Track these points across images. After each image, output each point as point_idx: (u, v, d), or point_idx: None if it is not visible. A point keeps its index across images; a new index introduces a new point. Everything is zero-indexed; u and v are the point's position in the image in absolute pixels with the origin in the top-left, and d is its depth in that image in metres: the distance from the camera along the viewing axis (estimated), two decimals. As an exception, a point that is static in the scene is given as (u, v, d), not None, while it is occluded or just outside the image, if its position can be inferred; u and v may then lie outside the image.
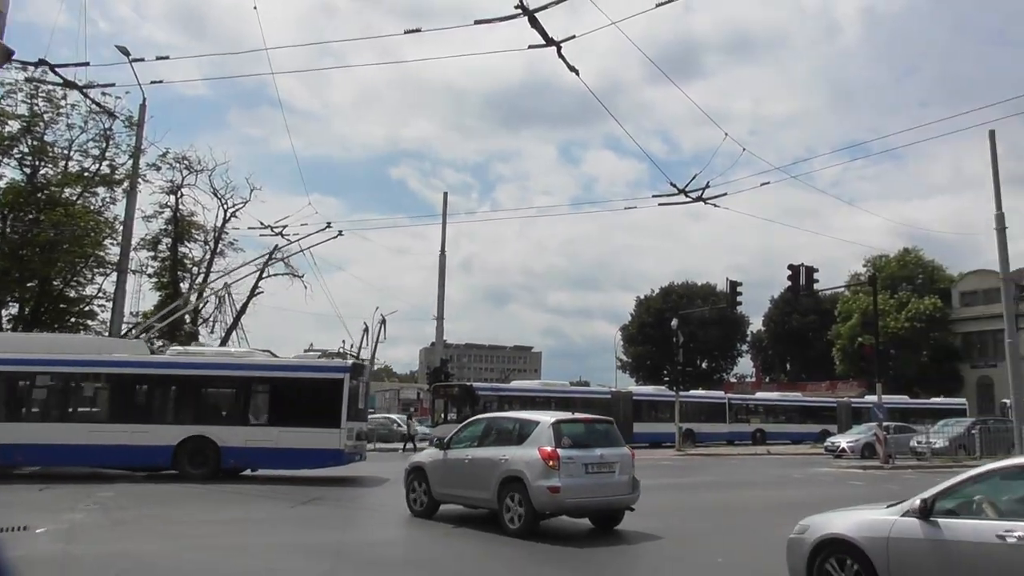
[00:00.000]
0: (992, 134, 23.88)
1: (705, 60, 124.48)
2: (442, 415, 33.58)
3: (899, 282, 57.32)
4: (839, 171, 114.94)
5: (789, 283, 28.86)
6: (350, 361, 19.95)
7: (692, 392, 42.56)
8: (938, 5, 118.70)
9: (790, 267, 28.53)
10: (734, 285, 33.20)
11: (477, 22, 10.46)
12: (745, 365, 76.80)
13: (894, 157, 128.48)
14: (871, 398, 34.90)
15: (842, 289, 57.60)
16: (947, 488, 6.37)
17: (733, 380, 72.06)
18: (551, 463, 10.69)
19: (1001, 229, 23.47)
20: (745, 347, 75.49)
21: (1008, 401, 28.33)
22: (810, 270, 28.71)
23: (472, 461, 11.86)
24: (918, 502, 6.34)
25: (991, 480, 6.33)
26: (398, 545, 10.90)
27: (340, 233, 22.81)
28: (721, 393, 48.62)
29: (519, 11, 10.26)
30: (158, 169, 28.60)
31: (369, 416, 44.06)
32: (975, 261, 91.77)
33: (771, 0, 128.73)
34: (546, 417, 11.58)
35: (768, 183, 26.79)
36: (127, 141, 27.83)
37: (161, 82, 16.68)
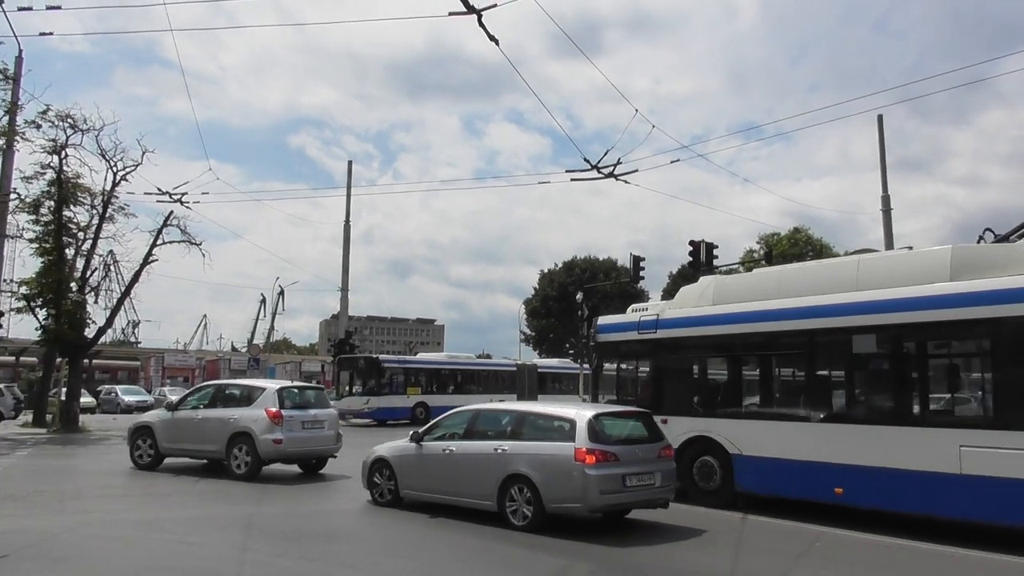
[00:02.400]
0: (880, 119, 25.28)
1: (606, 37, 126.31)
2: (347, 387, 33.14)
3: (790, 259, 60.08)
4: (734, 151, 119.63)
5: (690, 258, 29.80)
6: None
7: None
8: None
9: (691, 243, 29.46)
10: (637, 260, 34.09)
11: (398, -17, 10.19)
12: (645, 338, 78.88)
13: (785, 139, 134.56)
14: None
15: (737, 265, 60.06)
16: (431, 425, 11.38)
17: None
18: (276, 420, 13.90)
19: (887, 210, 24.91)
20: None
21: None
22: (710, 246, 29.77)
23: (202, 420, 14.71)
24: (413, 433, 11.29)
25: (452, 417, 11.20)
26: (312, 518, 10.74)
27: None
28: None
29: (441, -25, 10.07)
30: (38, 127, 26.52)
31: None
32: (859, 240, 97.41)
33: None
34: (271, 384, 15.10)
35: (678, 160, 27.21)
36: (2, 96, 25.77)
37: (51, 34, 15.41)
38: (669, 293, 76.73)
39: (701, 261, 29.74)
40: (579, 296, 38.32)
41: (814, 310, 10.89)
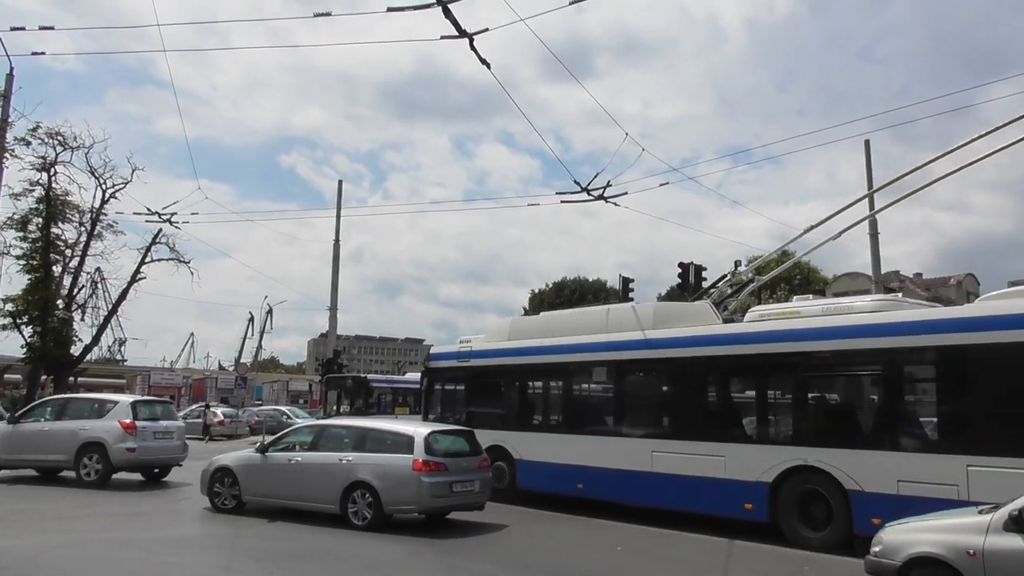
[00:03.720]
0: (867, 144, 25.52)
1: (596, 61, 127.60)
2: (335, 407, 32.97)
3: (779, 282, 60.44)
4: (722, 174, 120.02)
5: (679, 280, 29.86)
6: None
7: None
8: (814, 19, 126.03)
9: (680, 265, 29.38)
10: (626, 281, 33.99)
11: (390, 9, 10.28)
12: (633, 360, 79.00)
13: (773, 162, 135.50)
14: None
15: (726, 288, 60.27)
16: (276, 438, 12.70)
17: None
18: (130, 431, 15.13)
19: (874, 235, 25.08)
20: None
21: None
22: (699, 268, 29.77)
23: (50, 431, 15.55)
24: (259, 444, 12.58)
25: (297, 432, 12.82)
26: (294, 540, 10.66)
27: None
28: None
29: (433, 0, 10.18)
30: (28, 144, 26.54)
31: (257, 407, 42.89)
32: (846, 264, 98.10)
33: (658, 5, 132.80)
34: (125, 398, 16.51)
35: (667, 183, 27.59)
36: (-9, 113, 25.74)
37: (43, 53, 15.46)
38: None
39: (690, 283, 29.77)
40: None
41: (564, 347, 14.03)
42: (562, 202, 18.43)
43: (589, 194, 17.56)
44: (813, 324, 10.94)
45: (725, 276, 15.26)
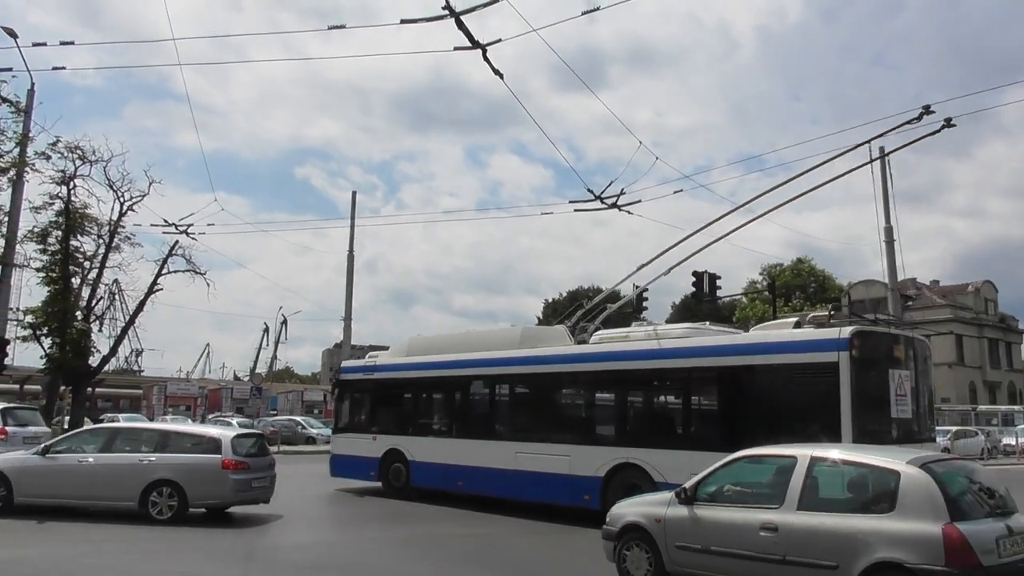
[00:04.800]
0: (882, 150, 25.36)
1: (608, 71, 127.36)
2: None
3: (793, 290, 60.12)
4: (735, 182, 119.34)
5: (693, 288, 29.80)
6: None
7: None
8: (826, 27, 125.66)
9: (694, 274, 29.44)
10: (640, 290, 34.02)
11: (403, 21, 10.41)
12: (648, 369, 78.54)
13: (786, 170, 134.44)
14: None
15: (740, 296, 59.94)
16: (59, 439, 13.22)
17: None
18: (2, 436, 16.60)
19: (890, 241, 24.91)
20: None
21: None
22: (713, 277, 29.72)
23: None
24: (43, 447, 12.76)
25: (86, 433, 14.09)
26: (309, 549, 10.71)
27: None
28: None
29: (446, 12, 10.27)
30: (48, 158, 26.89)
31: (272, 418, 42.99)
32: (861, 272, 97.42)
33: (670, 15, 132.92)
34: None
35: (681, 191, 27.49)
36: (13, 128, 26.13)
37: (64, 68, 15.78)
38: (671, 323, 76.73)
39: (704, 291, 29.72)
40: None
41: (448, 363, 15.79)
42: (575, 211, 18.46)
43: (603, 202, 17.58)
44: (635, 347, 13.09)
45: (579, 304, 16.82)
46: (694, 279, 29.48)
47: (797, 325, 11.63)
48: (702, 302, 38.51)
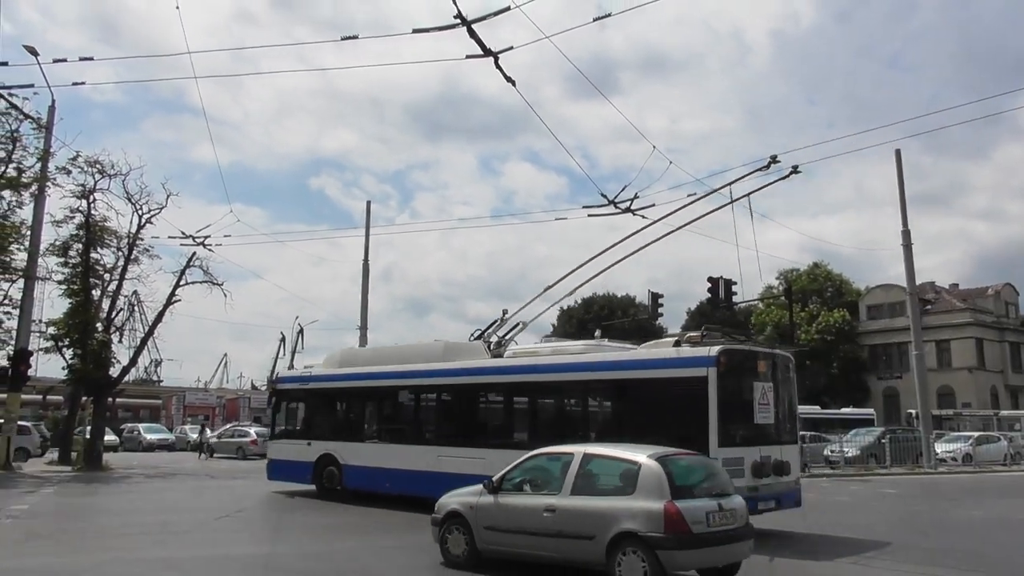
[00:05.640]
0: (898, 153, 25.30)
1: (621, 78, 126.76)
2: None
3: (810, 295, 59.61)
4: (749, 187, 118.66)
5: (708, 295, 29.67)
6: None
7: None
8: (841, 30, 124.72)
9: (710, 279, 29.27)
10: (655, 297, 33.87)
11: (416, 31, 10.53)
12: (664, 376, 78.09)
13: (801, 174, 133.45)
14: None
15: (757, 302, 59.55)
16: None
17: (653, 390, 73.21)
18: None
19: (907, 245, 24.77)
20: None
21: (915, 411, 29.58)
22: (728, 282, 29.55)
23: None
24: None
25: None
26: (327, 559, 10.77)
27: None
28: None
29: (458, 21, 10.39)
30: (68, 173, 27.28)
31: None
32: (878, 276, 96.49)
33: (683, 21, 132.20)
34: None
35: (695, 194, 27.27)
36: (35, 144, 26.58)
37: (83, 83, 16.35)
38: (687, 330, 76.28)
39: (720, 298, 29.56)
40: (597, 333, 37.96)
41: (377, 374, 16.94)
42: (589, 215, 18.46)
43: (616, 207, 17.61)
44: (541, 361, 14.76)
45: (495, 322, 17.76)
46: (709, 285, 29.41)
47: (676, 344, 12.89)
48: (718, 308, 38.35)
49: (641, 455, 8.51)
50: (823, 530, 13.04)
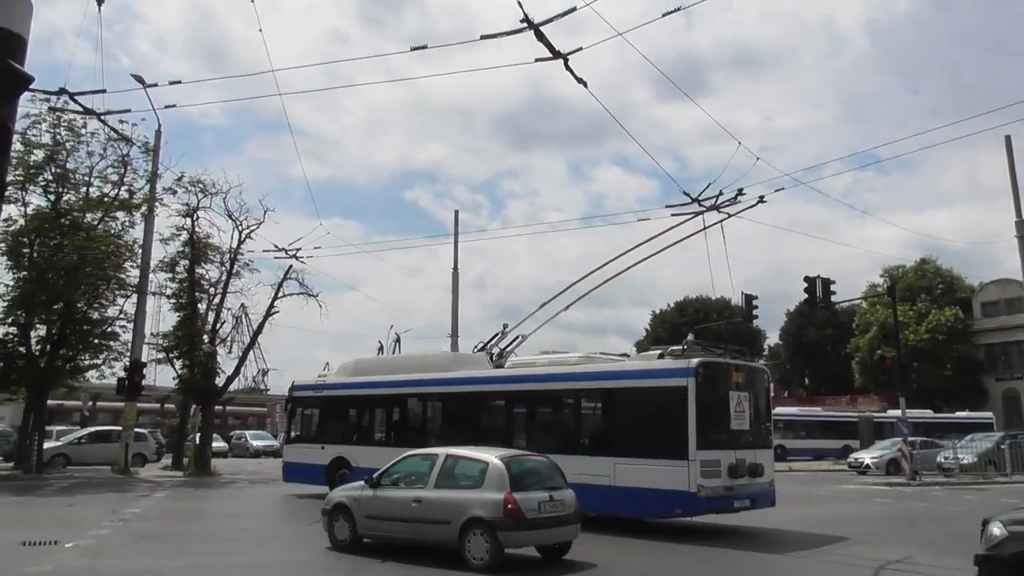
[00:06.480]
0: (1008, 140, 23.78)
1: (710, 77, 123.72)
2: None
3: (918, 293, 56.60)
4: (850, 183, 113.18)
5: (805, 296, 28.68)
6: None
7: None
8: (939, 14, 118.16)
9: (806, 279, 28.36)
10: (749, 299, 32.92)
11: (483, 37, 10.63)
12: (763, 379, 75.90)
13: (904, 166, 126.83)
14: (894, 412, 34.32)
15: (859, 301, 57.01)
16: None
17: (751, 395, 71.26)
18: None
19: (1022, 236, 23.24)
20: (762, 362, 74.68)
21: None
22: (827, 282, 28.50)
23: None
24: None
25: None
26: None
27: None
28: (739, 408, 47.93)
29: (524, 25, 10.42)
30: (174, 193, 28.86)
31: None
32: (992, 271, 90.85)
33: (773, 17, 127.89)
34: None
35: (782, 189, 26.44)
36: (144, 167, 28.26)
37: (174, 106, 17.08)
38: (786, 332, 74.10)
39: (817, 298, 28.55)
40: (689, 337, 37.19)
41: (387, 383, 18.28)
42: (672, 215, 18.06)
43: (700, 205, 17.22)
44: (538, 371, 15.88)
45: (497, 335, 19.02)
46: (806, 285, 28.43)
47: (660, 356, 14.07)
48: (816, 308, 37.01)
49: (491, 456, 10.39)
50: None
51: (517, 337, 18.56)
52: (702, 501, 12.52)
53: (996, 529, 6.09)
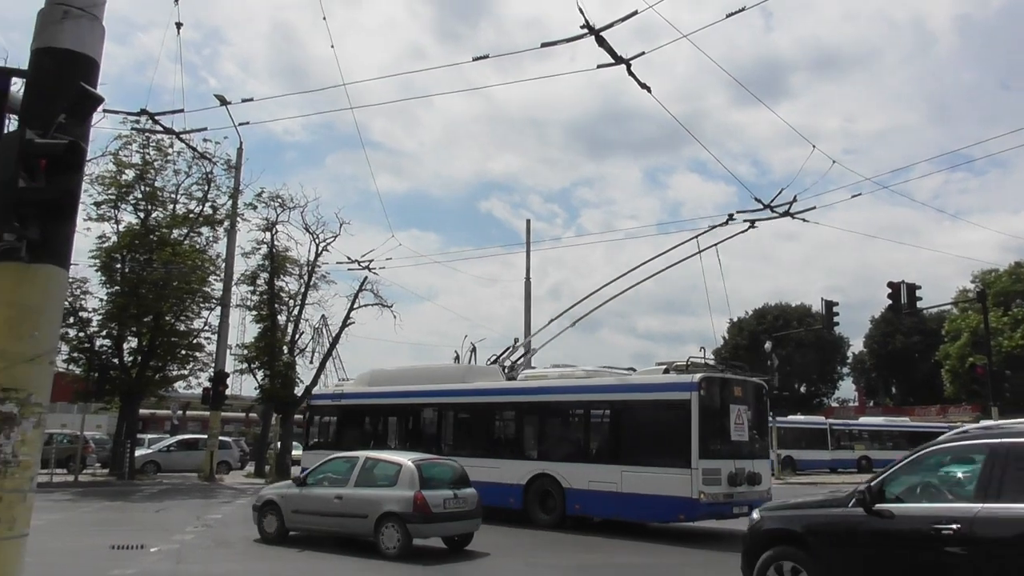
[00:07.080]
0: (1107, 135, 22.37)
1: (791, 80, 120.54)
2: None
3: (1012, 298, 53.70)
4: (939, 185, 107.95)
5: (890, 302, 27.67)
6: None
7: (790, 417, 40.94)
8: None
9: (890, 284, 27.40)
10: (830, 305, 31.97)
11: (544, 45, 10.64)
12: (847, 389, 73.30)
13: (998, 165, 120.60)
14: (987, 422, 32.66)
15: (949, 307, 54.50)
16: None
17: (835, 405, 68.86)
18: None
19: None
20: (846, 370, 72.09)
21: None
22: (912, 287, 27.46)
23: None
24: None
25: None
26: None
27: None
28: (821, 418, 46.30)
29: (585, 31, 10.40)
30: (255, 208, 29.98)
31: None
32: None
33: (856, 15, 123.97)
34: None
35: (859, 194, 25.74)
36: (227, 183, 29.41)
37: (247, 123, 18.06)
38: (871, 339, 71.33)
39: (902, 303, 27.51)
40: (768, 345, 36.31)
41: (403, 393, 18.97)
42: (744, 220, 17.70)
43: (773, 211, 16.83)
44: (549, 384, 16.60)
45: (509, 348, 20.32)
46: (889, 291, 27.43)
47: (666, 371, 14.92)
48: (900, 314, 35.66)
49: (404, 459, 11.87)
50: None
51: (528, 351, 19.60)
52: (703, 507, 13.38)
53: (755, 514, 7.92)
